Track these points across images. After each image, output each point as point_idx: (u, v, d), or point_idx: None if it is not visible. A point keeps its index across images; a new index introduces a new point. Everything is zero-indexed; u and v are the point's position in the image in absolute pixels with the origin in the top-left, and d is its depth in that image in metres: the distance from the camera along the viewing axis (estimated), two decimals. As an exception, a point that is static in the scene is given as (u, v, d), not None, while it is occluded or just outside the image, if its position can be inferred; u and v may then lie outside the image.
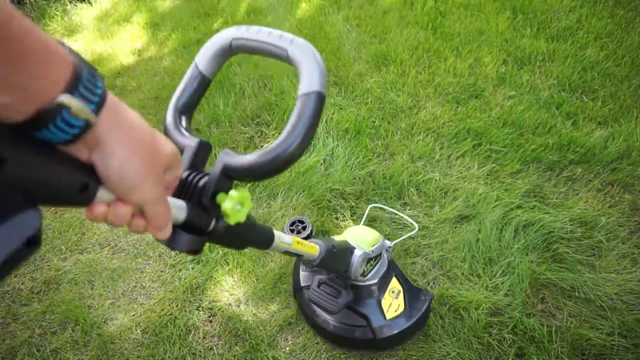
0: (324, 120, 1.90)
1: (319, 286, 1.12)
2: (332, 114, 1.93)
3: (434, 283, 1.33)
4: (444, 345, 1.19)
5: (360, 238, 1.10)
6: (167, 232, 0.44)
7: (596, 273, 1.29)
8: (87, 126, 0.31)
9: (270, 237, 0.74)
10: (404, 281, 1.22)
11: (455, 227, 1.46)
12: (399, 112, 1.90)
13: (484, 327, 1.20)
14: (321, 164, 1.72)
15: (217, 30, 0.64)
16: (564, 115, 1.79)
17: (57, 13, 3.22)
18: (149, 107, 2.21)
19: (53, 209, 1.72)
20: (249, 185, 1.68)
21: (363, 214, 1.49)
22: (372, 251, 1.11)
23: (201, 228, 0.52)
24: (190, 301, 1.37)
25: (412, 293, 1.20)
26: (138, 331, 1.31)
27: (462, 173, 1.63)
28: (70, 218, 1.67)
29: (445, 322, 1.22)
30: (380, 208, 1.52)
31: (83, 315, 1.35)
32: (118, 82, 2.50)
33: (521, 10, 2.38)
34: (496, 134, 1.72)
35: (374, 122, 1.88)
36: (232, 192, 0.51)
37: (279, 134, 2.05)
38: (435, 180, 1.61)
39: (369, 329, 1.14)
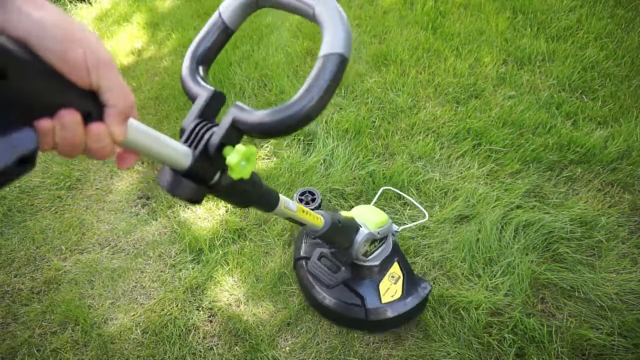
0: (324, 120, 1.90)
1: (319, 259, 1.12)
2: (332, 114, 1.93)
3: (434, 283, 1.33)
4: (444, 345, 1.19)
5: (368, 218, 1.07)
6: (124, 129, 0.37)
7: (596, 273, 1.29)
8: None
9: (275, 200, 0.73)
10: (405, 268, 1.19)
11: (455, 227, 1.46)
12: (399, 112, 1.90)
13: (484, 327, 1.20)
14: (321, 164, 1.72)
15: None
16: (564, 115, 1.79)
17: (57, 13, 3.21)
18: (149, 107, 2.21)
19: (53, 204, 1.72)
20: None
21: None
22: (379, 233, 1.08)
23: (205, 178, 0.51)
24: (190, 301, 1.37)
25: (411, 281, 1.17)
26: (138, 331, 1.31)
27: (462, 173, 1.63)
28: (71, 218, 1.67)
29: (445, 322, 1.23)
30: (393, 192, 1.53)
31: (83, 315, 1.35)
32: (118, 82, 2.50)
33: (521, 10, 2.38)
34: (496, 134, 1.72)
35: (374, 122, 1.88)
36: (239, 146, 0.50)
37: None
38: (435, 180, 1.61)
39: (362, 309, 1.13)
